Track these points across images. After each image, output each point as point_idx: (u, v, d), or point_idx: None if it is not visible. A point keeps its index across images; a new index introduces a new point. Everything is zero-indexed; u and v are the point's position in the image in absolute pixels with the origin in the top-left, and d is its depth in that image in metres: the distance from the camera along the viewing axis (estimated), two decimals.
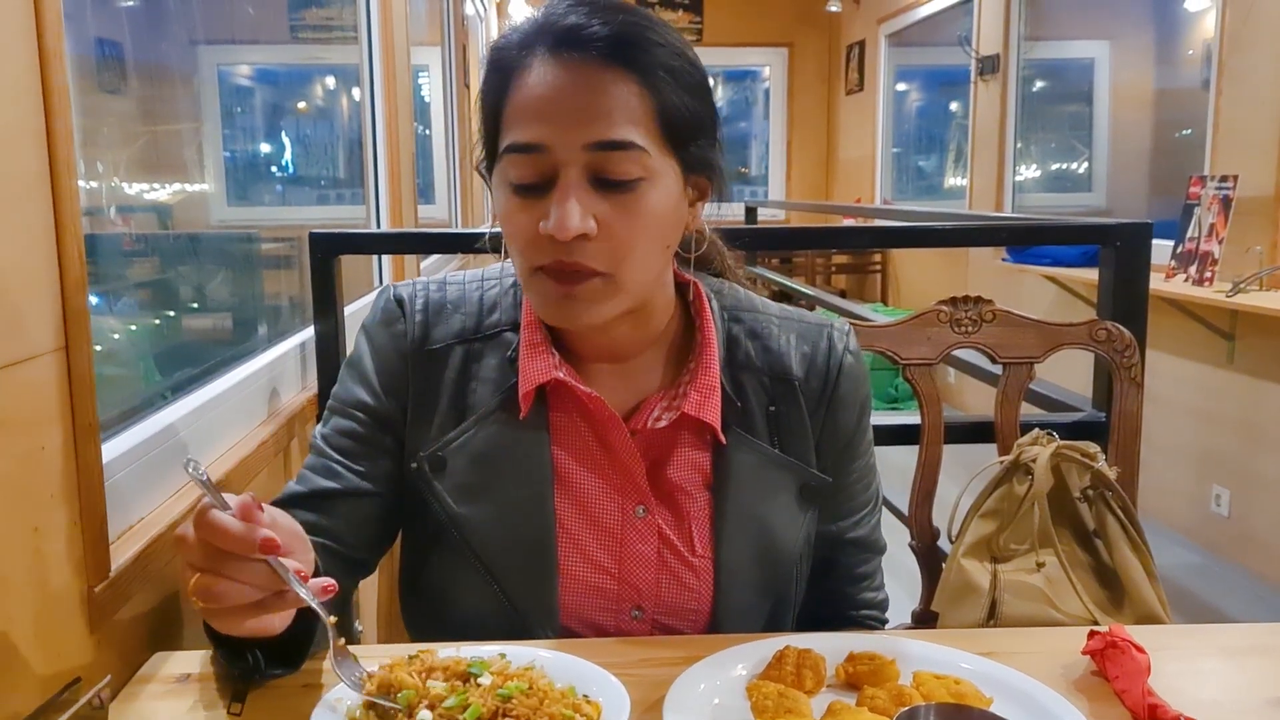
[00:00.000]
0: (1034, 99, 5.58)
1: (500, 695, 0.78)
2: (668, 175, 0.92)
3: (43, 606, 0.82)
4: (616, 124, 0.87)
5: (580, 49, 0.88)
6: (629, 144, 0.88)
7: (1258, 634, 1.03)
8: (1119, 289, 1.70)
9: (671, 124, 0.91)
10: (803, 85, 8.81)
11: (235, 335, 1.90)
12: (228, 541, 0.72)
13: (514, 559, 1.00)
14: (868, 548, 1.16)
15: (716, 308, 1.07)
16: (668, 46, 0.91)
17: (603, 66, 0.88)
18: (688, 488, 1.03)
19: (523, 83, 0.90)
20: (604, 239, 0.89)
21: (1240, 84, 3.52)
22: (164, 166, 1.72)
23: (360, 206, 2.75)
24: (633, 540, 1.02)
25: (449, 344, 1.03)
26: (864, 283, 8.24)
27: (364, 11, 2.68)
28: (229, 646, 0.86)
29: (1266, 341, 3.39)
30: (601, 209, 0.88)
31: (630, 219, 0.89)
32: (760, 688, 0.84)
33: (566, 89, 0.88)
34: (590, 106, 0.87)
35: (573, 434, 1.02)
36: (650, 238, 0.92)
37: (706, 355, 1.02)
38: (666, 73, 0.90)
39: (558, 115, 0.88)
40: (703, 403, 1.01)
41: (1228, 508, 3.64)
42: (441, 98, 4.79)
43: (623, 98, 0.88)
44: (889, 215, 5.55)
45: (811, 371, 1.07)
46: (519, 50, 0.91)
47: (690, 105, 0.92)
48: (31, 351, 0.81)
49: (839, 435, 1.08)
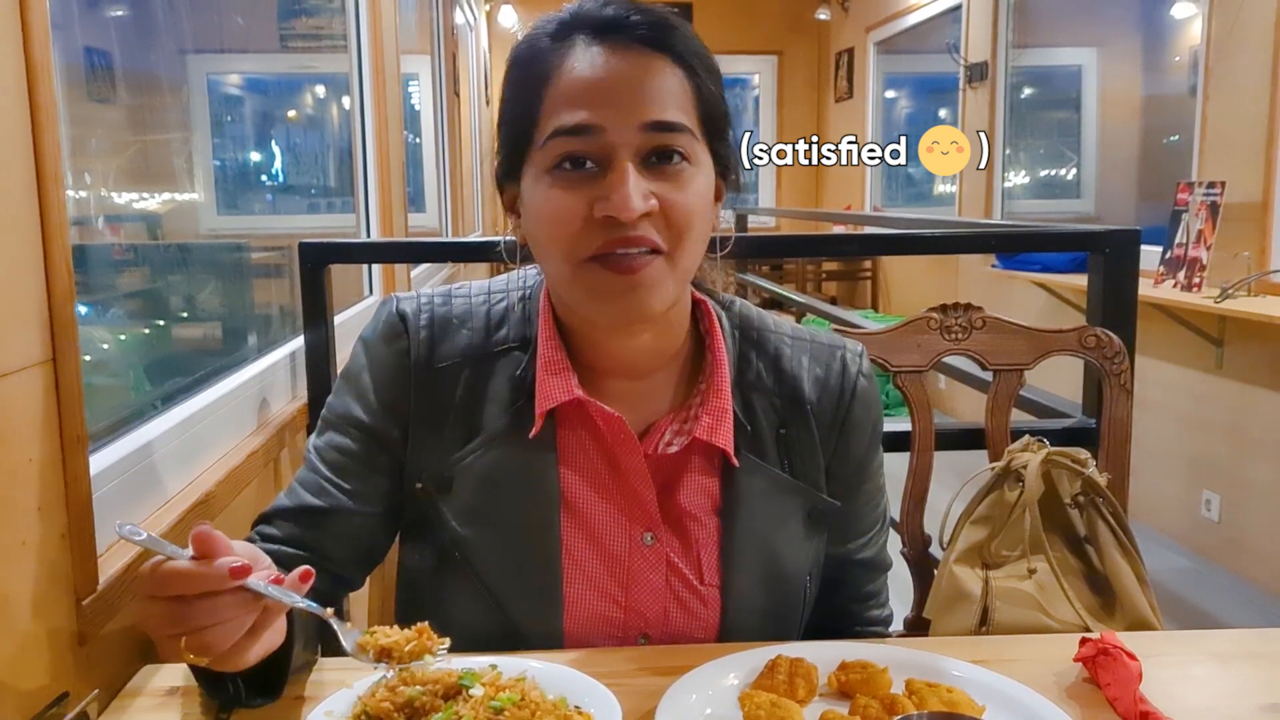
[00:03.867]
0: (1022, 106, 5.61)
1: (492, 707, 0.78)
2: (706, 165, 0.93)
3: (30, 620, 0.81)
4: (669, 106, 0.88)
5: (625, 34, 0.88)
6: (681, 126, 0.88)
7: (1249, 640, 1.03)
8: (1108, 295, 1.70)
9: (709, 114, 0.92)
10: (792, 93, 8.84)
11: (225, 345, 1.89)
12: (197, 584, 0.70)
13: (518, 584, 0.98)
14: (875, 567, 1.15)
15: (726, 325, 1.05)
16: (697, 39, 0.92)
17: (648, 52, 0.89)
18: (696, 513, 1.01)
19: (568, 67, 0.89)
20: (660, 218, 0.88)
21: (1227, 90, 3.54)
22: (153, 176, 1.72)
23: (350, 215, 2.75)
24: (640, 568, 1.00)
25: (455, 362, 1.00)
26: (854, 289, 8.26)
27: (354, 20, 2.68)
28: (208, 679, 0.84)
29: (1255, 347, 3.41)
30: (657, 188, 0.88)
31: (684, 197, 0.89)
32: (752, 697, 0.84)
33: (618, 71, 0.88)
34: (643, 87, 0.88)
35: (581, 457, 1.00)
36: (699, 220, 0.91)
37: (718, 376, 1.00)
38: (701, 63, 0.91)
39: (611, 96, 0.87)
40: (715, 426, 0.99)
41: (1218, 513, 3.65)
42: (432, 106, 4.79)
43: (670, 81, 0.89)
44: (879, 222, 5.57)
45: (824, 394, 1.05)
46: (554, 41, 0.90)
47: (720, 98, 0.93)
48: (19, 363, 0.81)
49: (850, 459, 1.07)
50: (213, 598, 0.71)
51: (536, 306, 1.02)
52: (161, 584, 0.70)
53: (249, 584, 0.72)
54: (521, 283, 1.05)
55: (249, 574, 0.71)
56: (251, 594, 0.72)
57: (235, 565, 0.71)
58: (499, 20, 8.04)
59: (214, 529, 0.73)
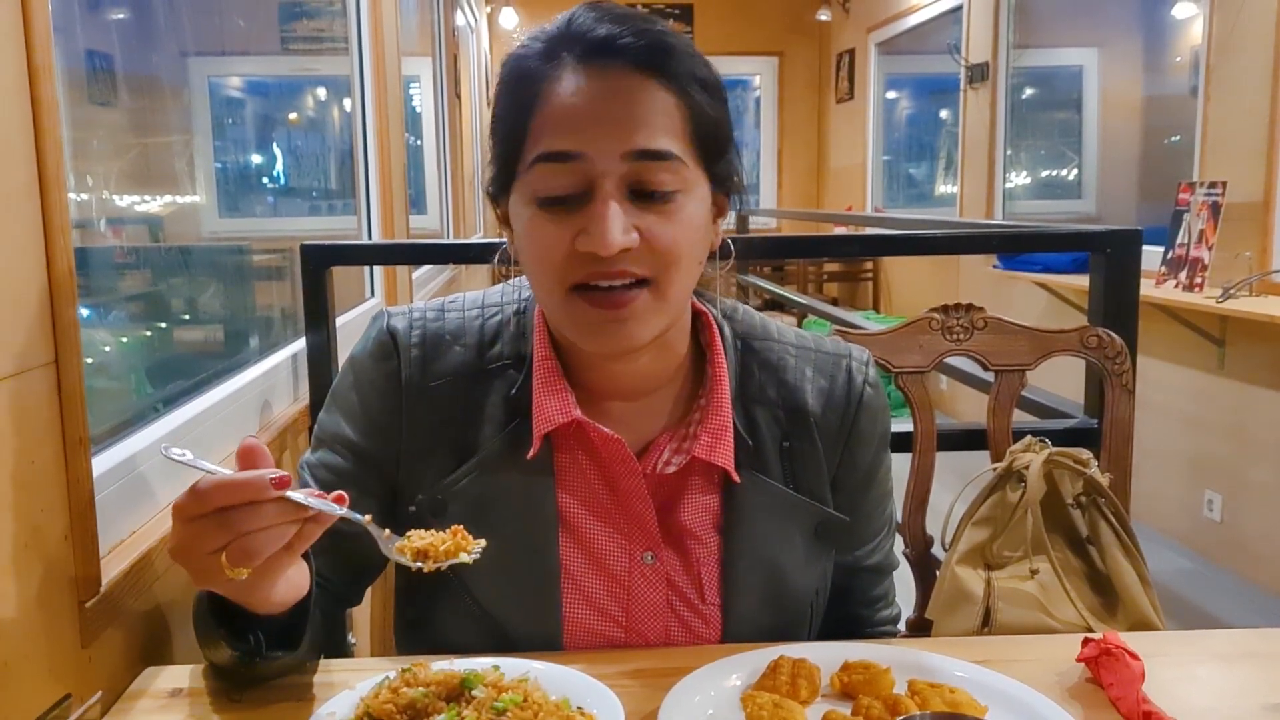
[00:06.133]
0: (1023, 106, 5.61)
1: (494, 709, 0.78)
2: (701, 188, 0.89)
3: (33, 622, 0.81)
4: (656, 133, 0.85)
5: (615, 57, 0.85)
6: (668, 154, 0.85)
7: (1251, 640, 1.03)
8: (1110, 295, 1.70)
9: (704, 137, 0.89)
10: (793, 94, 8.85)
11: (227, 347, 1.90)
12: (241, 493, 0.72)
13: (517, 606, 0.97)
14: (882, 571, 1.14)
15: (729, 335, 1.02)
16: (696, 58, 0.89)
17: (638, 76, 0.85)
18: (697, 531, 0.99)
19: (554, 91, 0.86)
20: (645, 250, 0.85)
21: (1228, 90, 3.54)
22: (155, 178, 1.72)
23: (352, 217, 2.75)
24: (641, 588, 0.98)
25: (448, 380, 0.97)
26: (855, 290, 8.26)
27: (355, 23, 2.68)
28: (231, 628, 0.85)
29: (1257, 347, 3.41)
30: (642, 221, 0.85)
31: (671, 229, 0.86)
32: (755, 698, 0.84)
33: (605, 97, 0.85)
34: (630, 115, 0.84)
35: (578, 477, 0.98)
36: (689, 250, 0.88)
37: (718, 392, 0.98)
38: (698, 84, 0.88)
39: (596, 123, 0.84)
40: (714, 445, 0.96)
41: (1220, 513, 3.65)
42: (433, 108, 4.80)
43: (660, 107, 0.85)
44: (880, 223, 5.56)
45: (829, 406, 1.02)
46: (543, 60, 0.87)
47: (720, 118, 0.90)
48: (21, 366, 0.81)
49: (856, 470, 1.05)
50: (256, 506, 0.73)
51: (531, 322, 0.99)
52: (204, 498, 0.72)
53: (290, 495, 0.74)
54: (517, 295, 1.02)
55: (290, 485, 0.74)
56: (292, 506, 0.74)
57: (277, 476, 0.73)
58: (500, 22, 8.05)
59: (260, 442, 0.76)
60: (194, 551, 0.74)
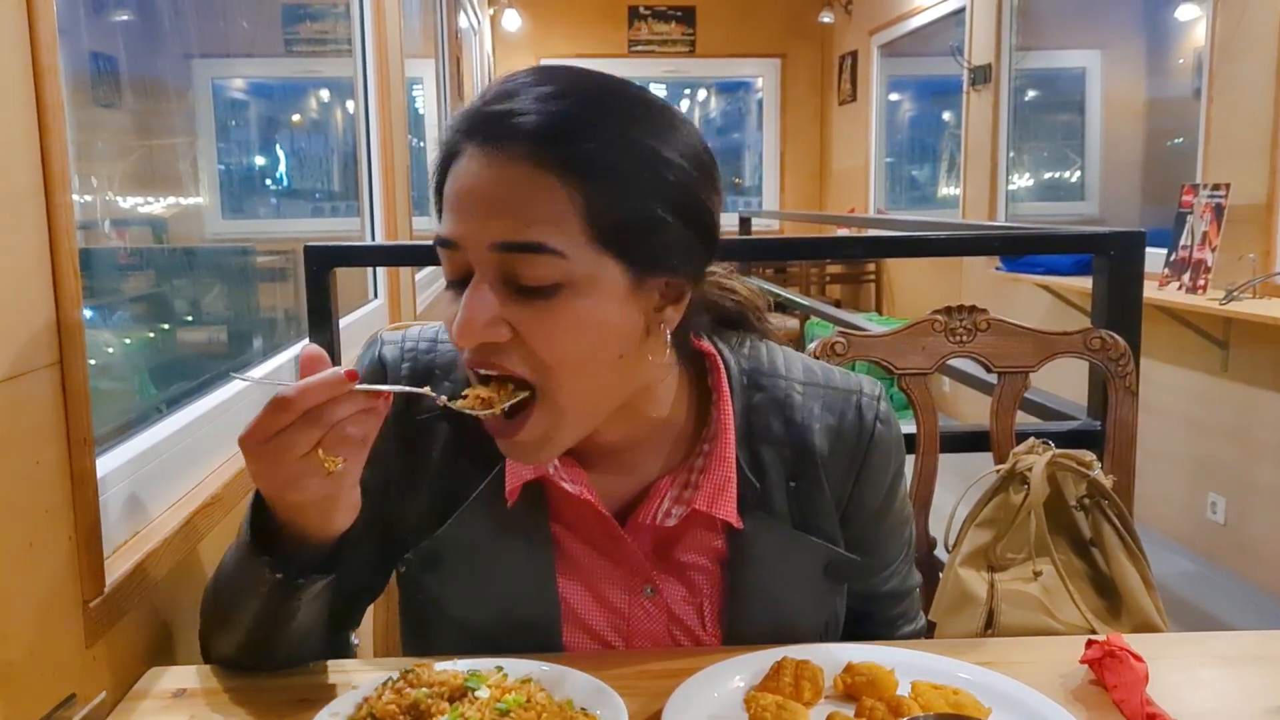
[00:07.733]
0: (1026, 108, 5.60)
1: (498, 709, 0.78)
2: (604, 281, 0.81)
3: (38, 622, 0.82)
4: (526, 224, 0.78)
5: (505, 140, 0.79)
6: (538, 246, 0.78)
7: (1255, 642, 1.03)
8: (1113, 298, 1.70)
9: (608, 225, 0.79)
10: (795, 96, 8.84)
11: (231, 348, 1.90)
12: (325, 390, 0.76)
13: (517, 641, 0.96)
14: (902, 594, 1.11)
15: (736, 373, 0.98)
16: (619, 138, 0.80)
17: (525, 160, 0.78)
18: (700, 565, 0.98)
19: (453, 171, 0.82)
20: (520, 348, 0.81)
21: (1231, 93, 3.53)
22: (159, 180, 1.72)
23: (355, 219, 2.75)
24: (641, 620, 0.98)
25: (435, 415, 0.96)
26: (858, 292, 8.26)
27: (358, 25, 2.68)
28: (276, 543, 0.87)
29: (1260, 349, 3.40)
30: (517, 315, 0.80)
31: (550, 328, 0.80)
32: (758, 699, 0.84)
33: (480, 184, 0.79)
34: (499, 204, 0.79)
35: (573, 513, 0.97)
36: (583, 350, 0.82)
37: (722, 442, 0.95)
38: (607, 169, 0.79)
39: (470, 212, 0.80)
40: (716, 496, 0.94)
41: (1224, 515, 3.64)
42: (436, 110, 4.80)
43: (539, 196, 0.78)
44: (883, 225, 5.56)
45: (837, 445, 0.99)
46: (455, 134, 0.83)
47: (642, 202, 0.81)
48: (26, 366, 0.81)
49: (868, 506, 1.02)
50: (338, 400, 0.77)
51: None
52: (291, 404, 0.76)
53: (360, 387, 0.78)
54: None
55: (357, 377, 0.78)
56: (364, 395, 0.79)
57: (348, 369, 0.77)
58: (503, 24, 8.06)
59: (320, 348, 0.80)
60: (283, 461, 0.77)
